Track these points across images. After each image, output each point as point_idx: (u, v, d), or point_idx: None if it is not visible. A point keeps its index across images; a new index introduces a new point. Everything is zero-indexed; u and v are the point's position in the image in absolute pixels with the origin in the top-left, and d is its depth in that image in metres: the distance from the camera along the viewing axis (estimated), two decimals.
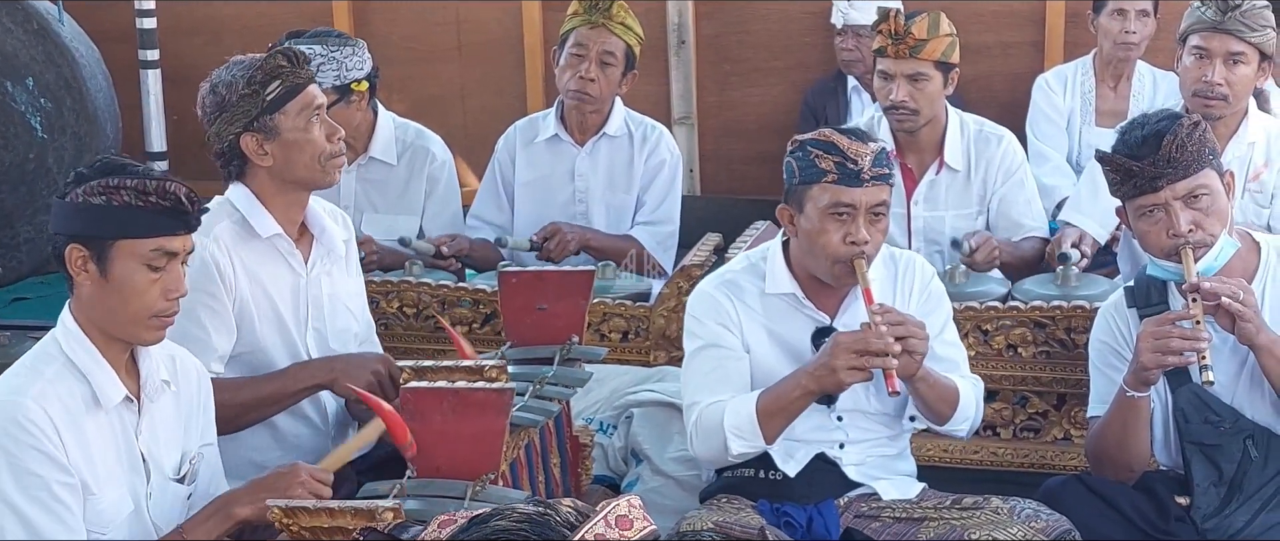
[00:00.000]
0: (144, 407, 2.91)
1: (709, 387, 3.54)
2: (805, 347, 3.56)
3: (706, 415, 3.51)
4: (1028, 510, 3.50)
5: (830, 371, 3.36)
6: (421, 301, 4.55)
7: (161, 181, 2.83)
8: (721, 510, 3.55)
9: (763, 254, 3.67)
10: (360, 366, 3.56)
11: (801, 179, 3.47)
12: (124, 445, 2.89)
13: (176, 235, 2.85)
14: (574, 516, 1.36)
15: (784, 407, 3.47)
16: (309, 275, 3.64)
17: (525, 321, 3.59)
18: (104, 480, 2.84)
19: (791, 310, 3.58)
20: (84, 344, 2.84)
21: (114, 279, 2.82)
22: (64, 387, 2.81)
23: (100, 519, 2.84)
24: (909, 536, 3.53)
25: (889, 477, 3.67)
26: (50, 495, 2.75)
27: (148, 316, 2.83)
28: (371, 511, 2.49)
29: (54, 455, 2.75)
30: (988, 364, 4.19)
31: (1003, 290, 4.39)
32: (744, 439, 3.48)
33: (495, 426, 2.94)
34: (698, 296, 3.65)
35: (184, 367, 3.06)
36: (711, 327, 3.57)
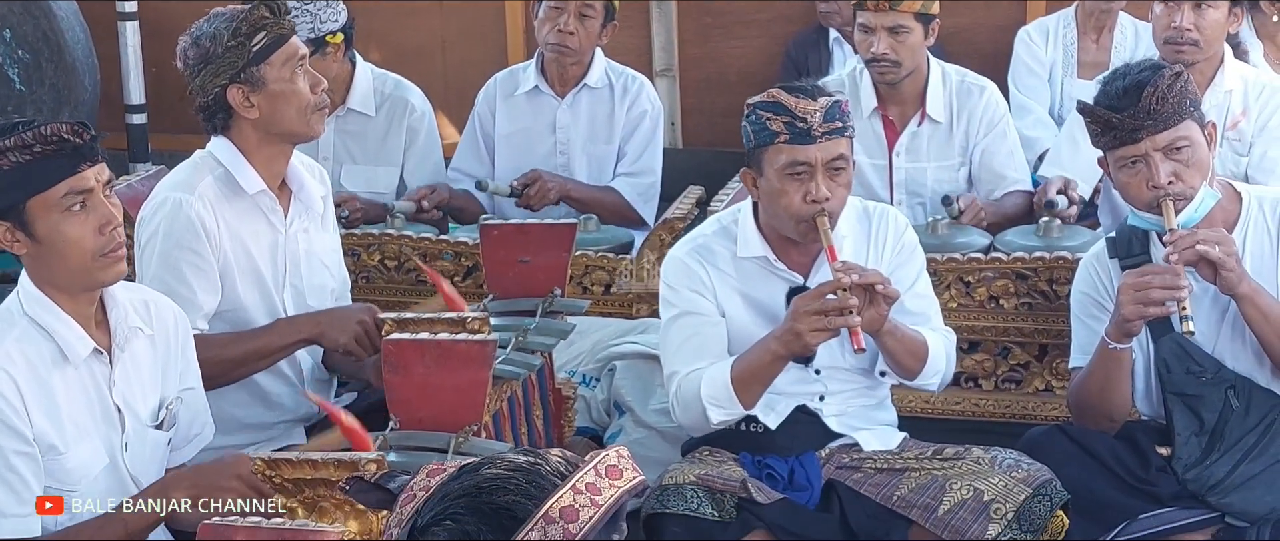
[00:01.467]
0: (116, 358, 2.89)
1: (686, 357, 3.53)
2: (780, 308, 3.55)
3: (685, 385, 3.51)
4: (1009, 460, 3.52)
5: (795, 336, 3.35)
6: (402, 254, 4.54)
7: (38, 128, 2.74)
8: (703, 463, 3.55)
9: (733, 216, 3.65)
10: (346, 319, 3.55)
11: (756, 142, 3.46)
12: (96, 398, 2.87)
13: (79, 172, 2.76)
14: (564, 466, 1.36)
15: (757, 374, 3.46)
16: (288, 231, 3.62)
17: (507, 274, 3.58)
18: (73, 438, 2.82)
19: (764, 272, 3.58)
20: (44, 302, 2.81)
21: (44, 238, 2.77)
22: (31, 348, 2.78)
23: (69, 477, 2.83)
24: (890, 487, 3.54)
25: (870, 428, 3.67)
26: (5, 465, 2.74)
27: (93, 257, 2.78)
28: (354, 462, 2.48)
29: (14, 423, 2.74)
30: (969, 315, 4.20)
31: (985, 241, 4.40)
32: (722, 407, 3.48)
33: (478, 378, 2.94)
34: (670, 263, 3.63)
35: (160, 313, 3.03)
36: (686, 295, 3.56)
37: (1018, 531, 3.40)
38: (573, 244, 3.64)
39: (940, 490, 3.49)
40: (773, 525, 3.45)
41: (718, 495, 3.43)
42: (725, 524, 3.42)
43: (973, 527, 3.43)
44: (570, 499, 1.31)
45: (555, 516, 1.29)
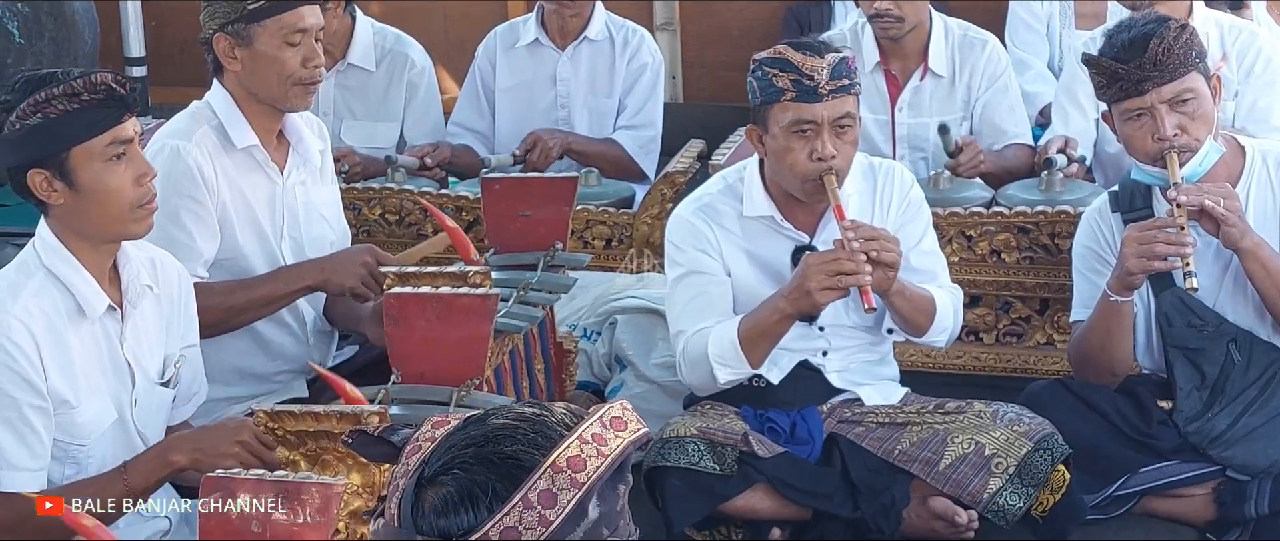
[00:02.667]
0: (127, 314, 2.89)
1: (692, 316, 3.52)
2: (785, 268, 3.55)
3: (692, 344, 3.50)
4: (1011, 414, 3.52)
5: (804, 294, 3.33)
6: (403, 208, 4.53)
7: (87, 76, 2.74)
8: (705, 416, 3.56)
9: (739, 174, 3.63)
10: (349, 262, 3.55)
11: (762, 99, 3.44)
12: (108, 354, 2.87)
13: (122, 122, 2.77)
14: (569, 417, 1.35)
15: (764, 333, 3.45)
16: (285, 184, 3.62)
17: (509, 228, 3.58)
18: (85, 392, 2.82)
19: (770, 232, 3.57)
20: (64, 255, 2.81)
21: (85, 187, 2.77)
22: (48, 301, 2.78)
23: (80, 431, 2.83)
24: (891, 441, 3.54)
25: (872, 383, 3.67)
26: (20, 417, 2.74)
27: (130, 208, 2.79)
28: (357, 415, 2.48)
29: (30, 377, 2.74)
30: (971, 269, 4.20)
31: (987, 195, 4.39)
32: (729, 367, 3.47)
33: (479, 332, 2.94)
34: (676, 222, 3.62)
35: (164, 270, 3.03)
36: (691, 254, 3.55)
37: (1019, 485, 3.40)
38: (574, 198, 3.63)
39: (942, 444, 3.49)
40: (773, 478, 3.46)
41: (719, 448, 3.43)
42: (726, 477, 3.42)
43: (974, 482, 3.43)
44: (577, 449, 1.30)
45: (563, 466, 1.29)
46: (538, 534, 1.27)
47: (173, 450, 2.83)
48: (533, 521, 1.27)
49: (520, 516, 1.27)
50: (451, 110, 5.21)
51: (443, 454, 1.32)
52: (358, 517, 2.48)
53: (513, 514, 1.27)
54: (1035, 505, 3.43)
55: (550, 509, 1.27)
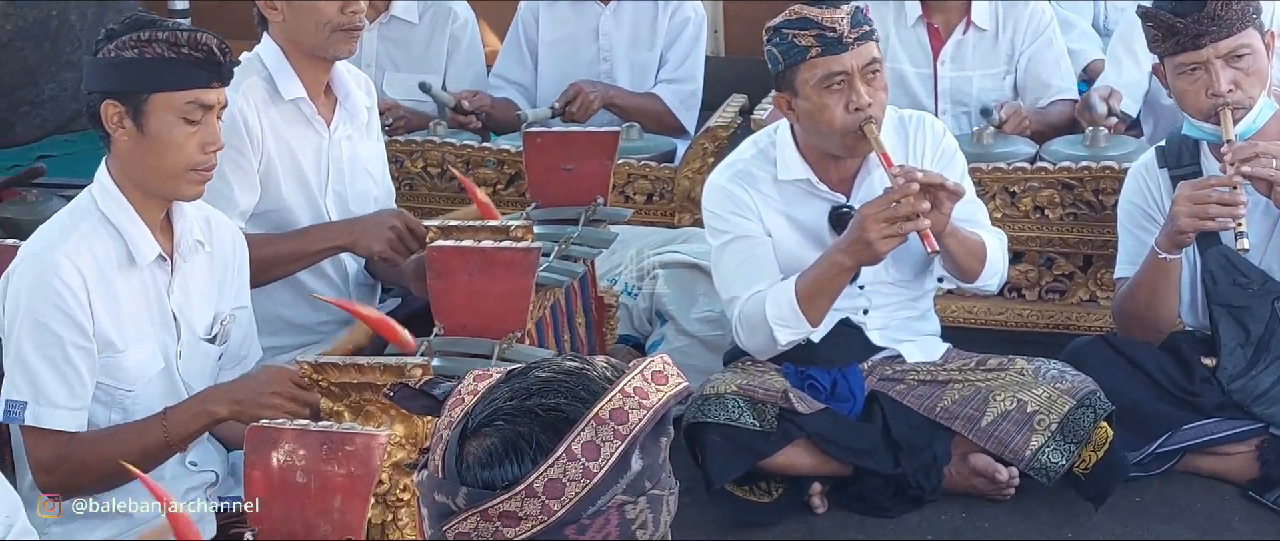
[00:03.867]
0: (177, 266, 2.91)
1: (743, 280, 3.52)
2: (823, 229, 3.54)
3: (748, 309, 3.50)
4: (1052, 371, 3.51)
5: (865, 245, 3.32)
6: (445, 161, 4.54)
7: (193, 33, 2.79)
8: (746, 372, 3.56)
9: (770, 138, 3.62)
10: (377, 225, 3.56)
11: (787, 62, 3.41)
12: (155, 303, 2.90)
13: (210, 87, 2.81)
14: (610, 371, 1.36)
15: (823, 289, 3.45)
16: (331, 138, 3.63)
17: (550, 181, 3.58)
18: (132, 338, 2.85)
19: (806, 194, 3.56)
20: (119, 201, 2.83)
21: (151, 133, 2.80)
22: (98, 244, 2.81)
23: (126, 375, 2.85)
24: (933, 398, 3.54)
25: (913, 339, 3.67)
26: (62, 356, 2.77)
27: (186, 170, 2.82)
28: (400, 368, 2.50)
29: (76, 316, 2.76)
30: (1014, 225, 4.18)
31: (1030, 150, 4.36)
32: (789, 327, 3.47)
33: (521, 285, 2.94)
34: (712, 191, 3.60)
35: (219, 229, 3.05)
36: (732, 220, 3.54)
37: (1061, 442, 3.40)
38: (615, 152, 3.63)
39: (983, 401, 3.49)
40: (814, 435, 3.46)
41: (759, 405, 3.44)
42: (766, 434, 3.43)
43: (1016, 438, 3.43)
44: (620, 402, 1.31)
45: (606, 418, 1.29)
46: (581, 485, 1.27)
47: (212, 401, 2.85)
48: (577, 472, 1.27)
49: (564, 468, 1.27)
50: (493, 64, 5.20)
51: (486, 406, 1.33)
52: (401, 469, 2.50)
53: (557, 465, 1.27)
54: (1077, 462, 3.43)
55: (593, 460, 1.28)
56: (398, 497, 2.50)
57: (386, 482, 2.47)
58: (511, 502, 1.27)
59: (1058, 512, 3.54)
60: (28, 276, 2.77)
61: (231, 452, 3.05)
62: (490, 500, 1.27)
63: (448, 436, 1.33)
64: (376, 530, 2.50)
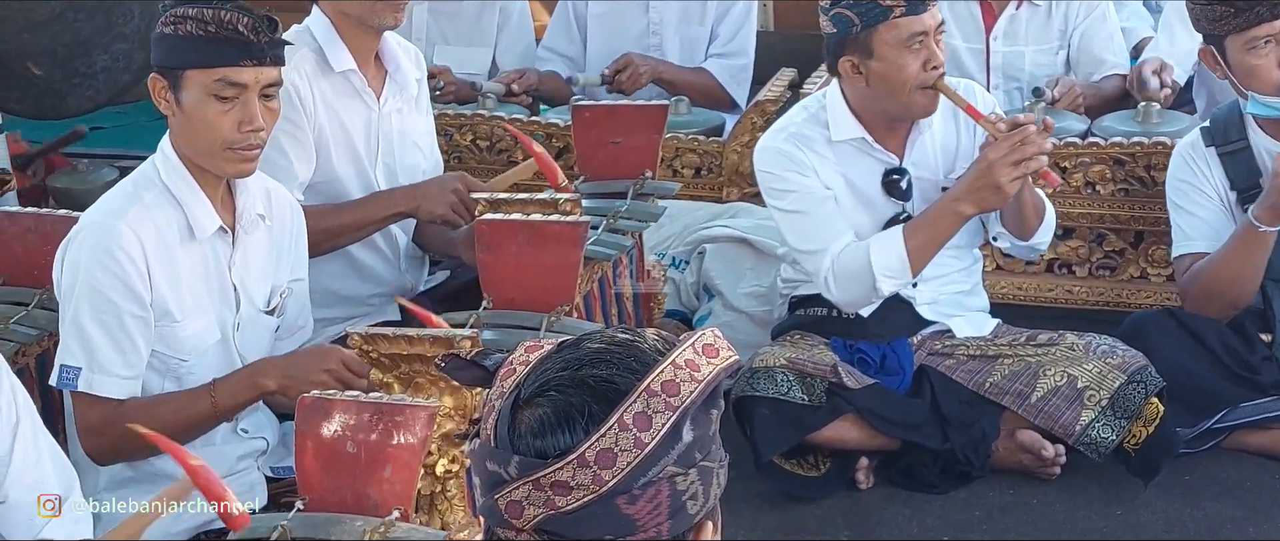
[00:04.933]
0: (238, 239, 2.93)
1: (826, 235, 3.51)
2: (876, 191, 3.54)
3: (844, 260, 3.49)
4: (1103, 346, 3.50)
5: (994, 190, 3.34)
6: (494, 134, 4.54)
7: (220, 11, 2.77)
8: (795, 346, 3.56)
9: (819, 103, 3.61)
10: (440, 189, 3.58)
11: (864, 24, 3.39)
12: (216, 275, 2.91)
13: (240, 66, 2.78)
14: (661, 343, 1.36)
15: (935, 237, 3.47)
16: (381, 111, 3.64)
17: (598, 155, 3.58)
18: (191, 309, 2.87)
19: (860, 154, 3.56)
20: (181, 172, 2.85)
21: (187, 109, 2.81)
22: (161, 215, 2.83)
23: (183, 346, 2.87)
24: (982, 373, 3.53)
25: (962, 314, 3.66)
26: (119, 325, 2.78)
27: (222, 148, 2.81)
28: (450, 339, 2.51)
29: (134, 286, 2.78)
30: (1065, 201, 4.16)
31: (1082, 126, 4.33)
32: (894, 277, 3.47)
33: (570, 259, 2.95)
34: (765, 154, 3.58)
35: (279, 202, 3.06)
36: (792, 179, 3.53)
37: (1111, 417, 3.39)
38: (664, 126, 3.63)
39: (1033, 376, 3.48)
40: (862, 410, 3.46)
41: (808, 379, 3.44)
42: (815, 408, 3.43)
43: (1066, 414, 3.42)
44: (671, 373, 1.31)
45: (657, 390, 1.30)
46: (633, 455, 1.28)
47: (262, 374, 2.86)
48: (628, 443, 1.28)
49: (616, 438, 1.28)
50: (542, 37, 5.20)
51: (538, 376, 1.33)
52: (450, 440, 2.51)
53: (609, 435, 1.28)
54: (1128, 438, 3.42)
55: (645, 431, 1.28)
56: (447, 468, 2.52)
57: (436, 453, 2.48)
58: (563, 472, 1.28)
59: (1106, 490, 3.53)
60: (88, 244, 2.79)
61: (283, 421, 3.07)
62: (542, 469, 1.28)
63: (500, 406, 1.34)
64: (425, 501, 2.51)
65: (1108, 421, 3.39)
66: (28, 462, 2.41)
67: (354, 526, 2.19)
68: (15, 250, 3.18)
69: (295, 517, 2.23)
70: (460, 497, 2.55)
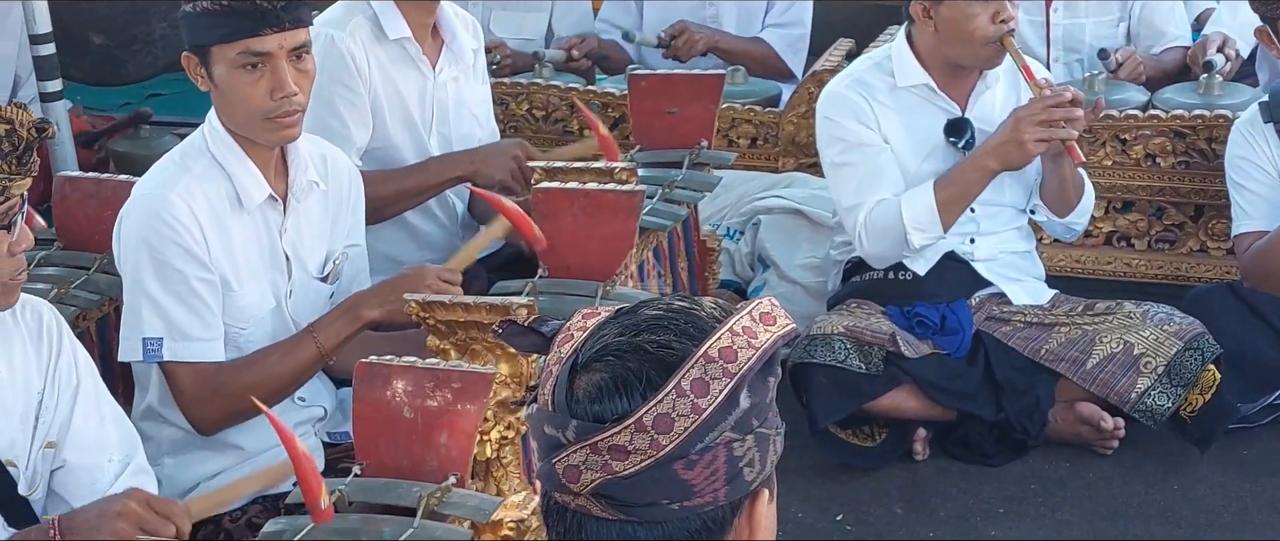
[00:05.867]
0: (290, 207, 2.93)
1: (869, 187, 3.53)
2: (939, 141, 3.55)
3: (877, 214, 3.51)
4: (1160, 313, 3.49)
5: (1017, 146, 3.38)
6: (550, 104, 4.55)
7: None
8: (852, 315, 3.55)
9: (886, 53, 3.64)
10: (499, 155, 3.59)
11: None
12: (267, 243, 2.92)
13: (261, 35, 2.76)
14: (718, 311, 1.36)
15: (964, 191, 3.48)
16: (437, 79, 3.64)
17: (654, 125, 3.58)
18: (246, 276, 2.88)
19: (923, 102, 3.56)
20: (228, 143, 2.86)
21: (220, 84, 2.81)
22: (211, 185, 2.83)
23: (241, 314, 2.89)
24: (1038, 341, 3.53)
25: (1020, 280, 3.65)
26: (189, 290, 2.79)
27: (259, 118, 2.80)
28: (506, 306, 2.51)
29: (194, 250, 2.79)
30: (1125, 174, 4.13)
31: (1143, 98, 4.30)
32: (924, 230, 3.49)
33: (625, 228, 2.95)
34: (829, 98, 3.62)
35: (335, 167, 3.06)
36: (852, 127, 3.55)
37: (1167, 385, 3.38)
38: (720, 96, 3.62)
39: (1089, 344, 3.47)
40: (919, 379, 3.45)
41: (866, 347, 3.43)
42: (872, 376, 3.43)
43: (1121, 381, 3.41)
44: (728, 340, 1.31)
45: (715, 356, 1.29)
46: (690, 421, 1.28)
47: (363, 305, 2.87)
48: (685, 409, 1.28)
49: (673, 403, 1.28)
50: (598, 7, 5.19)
51: (595, 342, 1.33)
52: (506, 406, 2.52)
53: (666, 400, 1.28)
54: (1183, 405, 3.40)
55: (702, 397, 1.28)
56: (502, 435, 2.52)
57: (491, 420, 2.49)
58: (621, 436, 1.28)
59: (1163, 463, 3.51)
60: (141, 217, 2.80)
61: (340, 389, 3.08)
62: (600, 433, 1.28)
63: (557, 371, 1.34)
64: (481, 467, 2.52)
65: (1164, 389, 3.38)
66: (89, 426, 2.43)
67: (410, 492, 2.20)
68: (76, 215, 3.21)
69: (352, 482, 2.24)
70: (515, 464, 2.56)
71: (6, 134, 2.16)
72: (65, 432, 2.42)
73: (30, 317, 2.41)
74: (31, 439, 2.38)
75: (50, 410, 2.39)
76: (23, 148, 2.18)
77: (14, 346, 2.37)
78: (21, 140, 2.17)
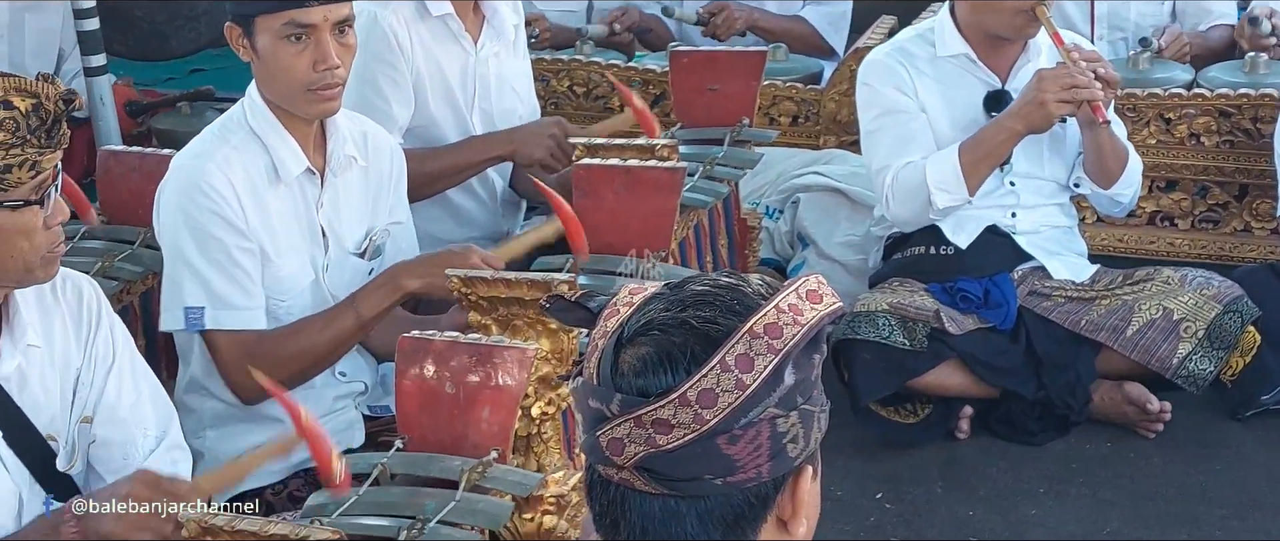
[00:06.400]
0: (327, 181, 2.94)
1: (898, 150, 3.54)
2: (978, 111, 3.55)
3: (904, 176, 3.51)
4: (1199, 278, 3.49)
5: (1038, 106, 3.38)
6: (591, 80, 4.55)
7: None
8: (895, 292, 3.54)
9: (929, 24, 3.66)
10: (538, 134, 3.59)
11: None
12: (304, 216, 2.93)
13: (307, 7, 2.77)
14: (765, 288, 1.36)
15: (989, 153, 3.48)
16: (478, 56, 3.65)
17: (696, 102, 3.58)
18: (284, 249, 2.89)
19: (963, 73, 3.57)
20: (267, 116, 2.87)
21: (262, 55, 2.82)
22: (248, 157, 2.85)
23: (280, 286, 2.90)
24: (1079, 313, 3.52)
25: (1061, 254, 3.64)
26: (229, 259, 2.81)
27: (302, 89, 2.81)
28: (547, 283, 2.52)
29: (232, 220, 2.80)
30: (1168, 152, 4.11)
31: (1187, 76, 4.27)
32: (948, 192, 3.49)
33: (666, 205, 2.95)
34: (869, 65, 3.65)
35: (376, 145, 3.07)
36: (888, 93, 3.56)
37: (1208, 348, 3.38)
38: (762, 73, 3.61)
39: (1129, 312, 3.46)
40: (965, 354, 3.44)
41: (910, 323, 3.43)
42: (916, 353, 3.42)
43: (1162, 347, 3.41)
44: (774, 317, 1.30)
45: (760, 332, 1.29)
46: (734, 396, 1.28)
47: (404, 275, 2.88)
48: (730, 384, 1.28)
49: (717, 378, 1.28)
50: None
51: (641, 317, 1.33)
52: (547, 382, 2.52)
53: (710, 375, 1.28)
54: (1224, 369, 3.39)
55: (747, 373, 1.28)
56: (543, 411, 2.53)
57: (532, 396, 2.50)
58: (665, 410, 1.28)
59: (1205, 444, 3.49)
60: (179, 188, 2.82)
61: (381, 364, 3.09)
62: (644, 407, 1.28)
63: (603, 345, 1.34)
64: (522, 442, 2.53)
65: (1205, 353, 3.37)
66: (123, 401, 2.44)
67: (452, 466, 2.21)
68: (119, 189, 3.23)
69: (395, 456, 2.25)
70: (556, 440, 2.56)
71: (34, 108, 2.15)
72: (105, 407, 2.43)
73: (70, 294, 2.42)
74: (70, 414, 2.39)
75: (87, 385, 2.41)
76: (51, 121, 2.18)
77: (54, 322, 2.38)
78: (50, 114, 2.17)
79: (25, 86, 2.16)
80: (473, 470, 2.19)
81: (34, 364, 2.33)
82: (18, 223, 2.19)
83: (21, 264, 2.23)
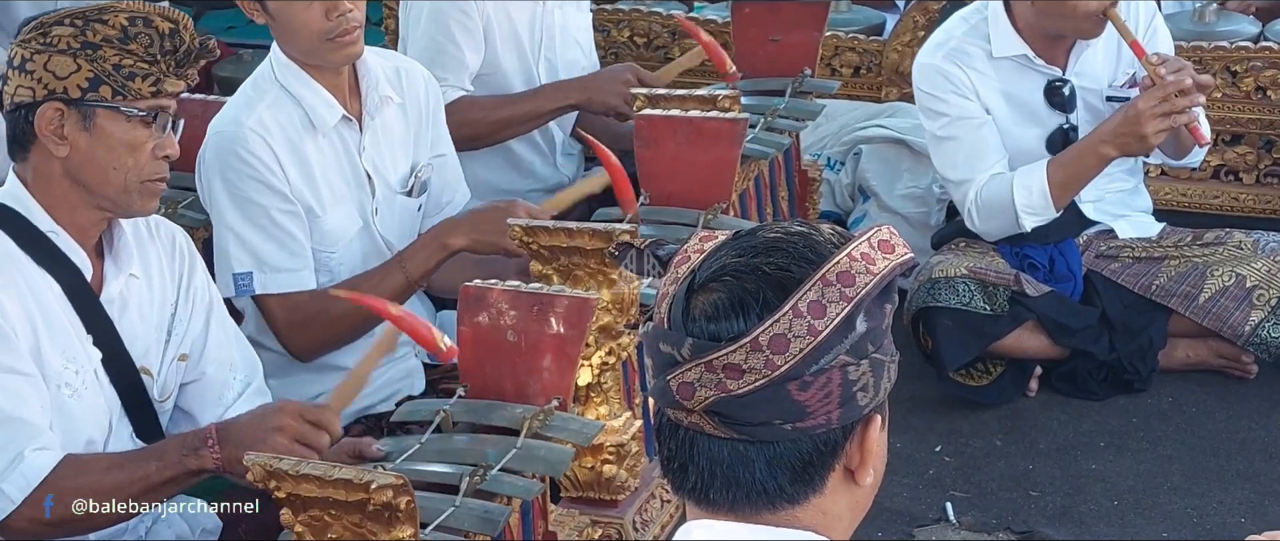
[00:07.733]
0: (366, 125, 2.95)
1: (975, 163, 3.48)
2: (1039, 104, 3.50)
3: (989, 191, 3.46)
4: (1272, 243, 3.45)
5: (1139, 139, 3.30)
6: (651, 30, 4.53)
7: None
8: (969, 255, 3.52)
9: (981, 14, 3.55)
10: (612, 79, 3.59)
11: None
12: (347, 164, 2.93)
13: None
14: (836, 237, 1.36)
15: (1079, 175, 3.43)
16: (544, 5, 3.65)
17: (758, 53, 3.55)
18: (329, 201, 2.90)
19: (1022, 69, 3.50)
20: (294, 71, 2.87)
21: (275, 12, 2.83)
22: (283, 113, 2.85)
23: (328, 238, 2.91)
24: (1148, 276, 3.49)
25: (1126, 215, 3.61)
26: (271, 222, 2.82)
27: (318, 41, 2.82)
28: (608, 233, 2.51)
29: (273, 183, 2.81)
30: (1234, 106, 4.06)
31: (1254, 30, 4.21)
32: (1036, 213, 3.44)
33: (728, 156, 2.94)
34: (924, 71, 3.55)
35: (411, 79, 3.07)
36: (951, 100, 3.49)
37: None
38: (824, 24, 3.58)
39: (1201, 277, 3.43)
40: (1043, 316, 3.42)
41: (990, 288, 3.41)
42: (997, 317, 3.40)
43: (1234, 315, 3.38)
44: (847, 265, 1.30)
45: (832, 280, 1.29)
46: (806, 342, 1.28)
47: (450, 233, 2.89)
48: (802, 329, 1.27)
49: (789, 324, 1.27)
50: None
51: (713, 263, 1.33)
52: (608, 332, 2.53)
53: (782, 321, 1.27)
54: None
55: (819, 319, 1.28)
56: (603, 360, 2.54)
57: (593, 345, 2.50)
58: (736, 355, 1.28)
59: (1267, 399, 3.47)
60: (217, 154, 2.83)
61: (441, 311, 3.11)
62: (715, 351, 1.28)
63: (674, 291, 1.34)
64: (582, 391, 2.54)
65: (1278, 321, 3.34)
66: (225, 340, 2.49)
67: (513, 413, 2.22)
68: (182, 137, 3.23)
69: (457, 403, 2.26)
70: (616, 389, 2.57)
71: (170, 32, 2.23)
72: (200, 348, 2.47)
73: (165, 235, 2.47)
74: (164, 350, 2.43)
75: (183, 322, 2.45)
76: (183, 51, 2.25)
77: (150, 258, 2.42)
78: (183, 43, 2.25)
79: (169, 14, 2.25)
80: (534, 417, 2.20)
81: (134, 293, 2.38)
82: (128, 134, 2.26)
83: (121, 181, 2.27)
